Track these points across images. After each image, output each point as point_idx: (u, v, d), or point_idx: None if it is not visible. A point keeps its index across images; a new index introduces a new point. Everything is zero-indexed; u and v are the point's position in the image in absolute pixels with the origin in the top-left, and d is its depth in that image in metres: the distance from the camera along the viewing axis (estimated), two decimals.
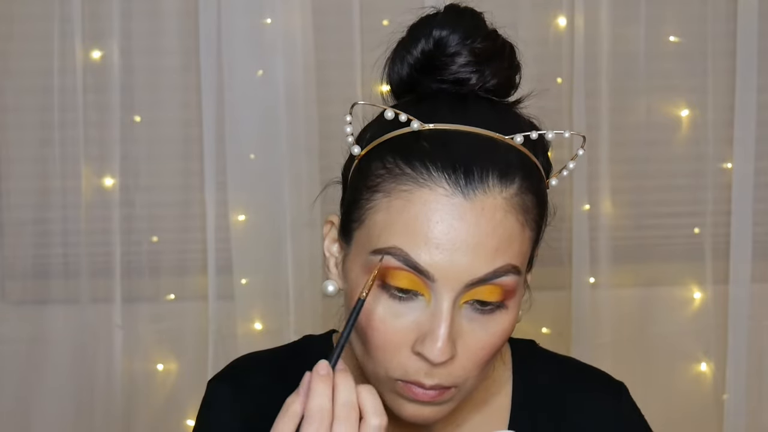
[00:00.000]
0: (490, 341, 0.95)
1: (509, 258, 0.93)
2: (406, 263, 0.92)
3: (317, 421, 0.87)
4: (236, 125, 2.36)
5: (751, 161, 2.40)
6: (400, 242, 0.92)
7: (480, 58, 0.99)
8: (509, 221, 0.93)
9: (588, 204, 2.39)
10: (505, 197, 0.93)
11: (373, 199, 0.95)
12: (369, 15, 2.36)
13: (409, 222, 0.92)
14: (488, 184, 0.92)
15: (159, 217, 2.43)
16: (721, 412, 2.46)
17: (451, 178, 0.92)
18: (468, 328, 0.94)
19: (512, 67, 1.03)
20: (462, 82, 0.99)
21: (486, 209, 0.92)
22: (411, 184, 0.92)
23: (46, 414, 2.46)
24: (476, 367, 0.96)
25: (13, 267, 2.45)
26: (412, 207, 0.92)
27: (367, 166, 0.97)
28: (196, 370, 2.41)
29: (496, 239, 0.92)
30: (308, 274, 2.38)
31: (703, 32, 2.39)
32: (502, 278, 0.93)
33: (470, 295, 0.93)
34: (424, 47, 0.99)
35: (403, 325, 0.94)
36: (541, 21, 2.34)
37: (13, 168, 2.43)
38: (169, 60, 2.39)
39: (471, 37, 0.99)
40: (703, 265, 2.44)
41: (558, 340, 2.41)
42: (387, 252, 0.92)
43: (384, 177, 0.94)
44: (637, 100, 2.40)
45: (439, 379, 0.94)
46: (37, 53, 2.38)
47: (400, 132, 0.96)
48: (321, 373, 0.88)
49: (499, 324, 0.95)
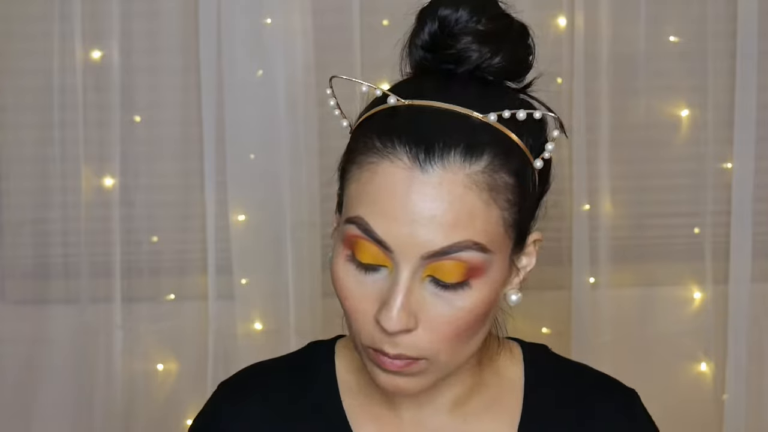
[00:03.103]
0: (456, 315, 0.95)
1: (470, 234, 0.93)
2: (365, 233, 0.94)
3: None
4: (236, 125, 2.36)
5: (751, 161, 2.40)
6: (363, 212, 0.94)
7: (482, 36, 1.00)
8: (470, 197, 0.94)
9: (588, 204, 2.39)
10: (468, 173, 0.94)
11: (350, 170, 0.98)
12: (369, 15, 2.36)
13: (372, 193, 0.94)
14: (448, 160, 0.93)
15: (159, 217, 2.43)
16: (721, 412, 2.46)
17: (411, 152, 0.93)
18: (431, 301, 0.95)
19: (521, 47, 1.03)
20: (464, 60, 1.00)
21: (444, 184, 0.93)
22: (377, 157, 0.95)
23: (46, 414, 2.46)
24: (444, 341, 0.96)
25: (13, 267, 2.45)
26: (375, 178, 0.94)
27: (353, 141, 1.00)
28: (196, 370, 2.41)
29: (454, 214, 0.93)
30: (308, 274, 2.38)
31: (703, 32, 2.39)
32: (463, 253, 0.93)
33: (431, 269, 0.94)
34: (431, 28, 1.00)
35: (367, 293, 0.95)
36: (540, 21, 2.34)
37: (13, 168, 2.43)
38: (169, 60, 2.39)
39: (476, 16, 1.00)
40: (703, 265, 2.44)
41: (558, 340, 2.40)
42: (352, 221, 0.95)
43: (360, 150, 0.97)
44: (637, 100, 2.40)
45: (403, 349, 0.95)
46: (37, 53, 2.38)
47: (380, 108, 0.99)
48: None
49: (468, 298, 0.95)
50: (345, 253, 0.96)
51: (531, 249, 1.03)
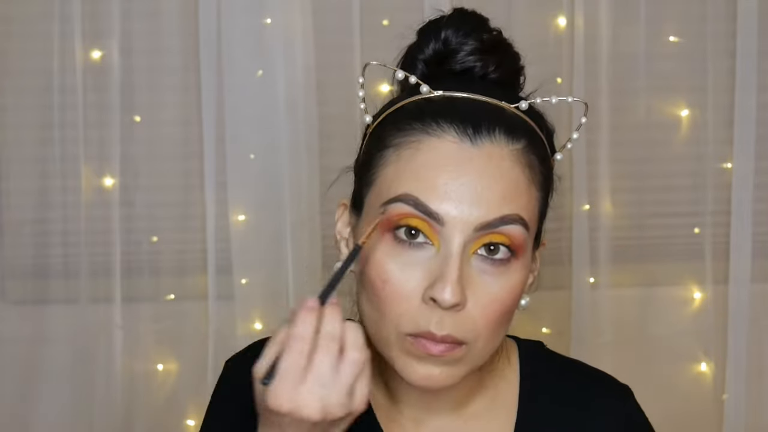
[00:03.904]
0: (501, 295, 0.97)
1: (516, 208, 0.96)
2: (417, 208, 0.95)
3: (297, 347, 0.88)
4: (236, 125, 2.36)
5: (751, 161, 2.40)
6: (410, 188, 0.95)
7: (484, 48, 1.03)
8: (515, 172, 0.97)
9: (588, 204, 2.39)
10: (512, 150, 0.97)
11: (383, 155, 0.99)
12: (369, 15, 2.35)
13: (419, 169, 0.96)
14: (495, 136, 0.97)
15: (159, 217, 2.43)
16: (721, 412, 2.46)
17: (460, 128, 0.96)
18: (478, 279, 0.96)
19: (516, 63, 1.07)
20: (468, 71, 1.03)
21: (493, 157, 0.96)
22: (420, 134, 0.97)
23: (46, 414, 2.46)
24: (487, 324, 0.97)
25: (13, 267, 2.45)
26: (420, 155, 0.96)
27: (380, 131, 1.01)
28: (196, 370, 2.41)
29: (503, 186, 0.95)
30: (308, 274, 2.38)
31: (703, 32, 2.39)
32: (510, 227, 0.96)
33: (479, 243, 0.95)
34: (435, 46, 1.04)
35: (413, 275, 0.96)
36: (541, 21, 2.34)
37: (13, 168, 2.43)
38: (169, 60, 2.39)
39: (476, 31, 1.04)
40: (703, 265, 2.44)
41: (558, 340, 2.40)
42: (398, 199, 0.96)
43: (395, 134, 0.99)
44: (637, 100, 2.40)
45: (450, 329, 0.95)
46: (37, 53, 2.38)
47: (411, 99, 1.01)
48: (308, 305, 0.90)
49: (509, 279, 0.97)
50: (387, 236, 0.96)
51: (538, 254, 1.05)
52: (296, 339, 0.89)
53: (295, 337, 0.89)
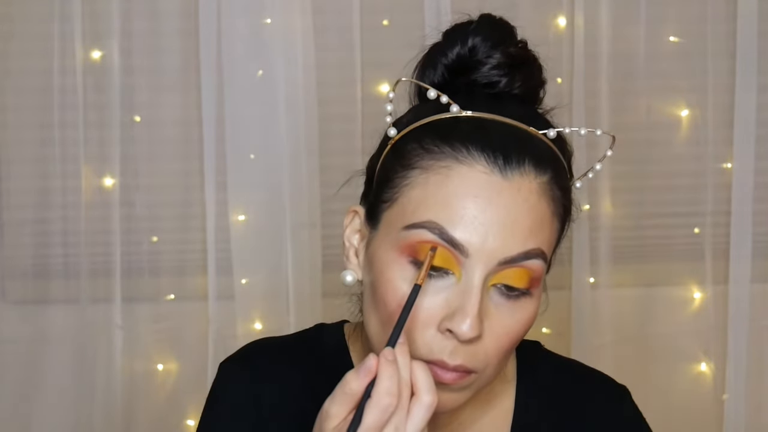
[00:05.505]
0: (515, 328, 0.97)
1: (540, 242, 0.95)
2: (441, 237, 0.93)
3: (383, 403, 0.87)
4: (236, 125, 2.36)
5: (751, 161, 2.40)
6: (436, 216, 0.94)
7: (511, 63, 1.02)
8: (542, 206, 0.96)
9: (588, 204, 2.39)
10: (539, 183, 0.96)
11: (409, 176, 0.97)
12: (369, 15, 2.35)
13: (447, 197, 0.94)
14: (524, 168, 0.95)
15: (159, 217, 2.43)
16: (721, 412, 2.46)
17: (490, 158, 0.94)
18: (494, 312, 0.95)
19: (539, 79, 1.06)
20: (492, 85, 1.02)
21: (522, 190, 0.95)
22: (450, 161, 0.95)
23: (46, 414, 2.46)
24: (498, 354, 0.97)
25: (13, 267, 2.45)
26: (450, 182, 0.94)
27: (403, 147, 0.99)
28: (196, 370, 2.41)
29: (530, 221, 0.94)
30: (308, 274, 2.38)
31: (703, 32, 2.39)
32: (532, 261, 0.95)
33: (500, 277, 0.94)
34: (460, 52, 1.02)
35: (432, 303, 0.95)
36: (541, 21, 2.34)
37: (13, 168, 2.43)
38: (169, 60, 2.39)
39: (504, 44, 1.02)
40: (703, 265, 2.44)
41: (558, 340, 2.41)
42: (422, 226, 0.94)
43: (422, 155, 0.97)
44: (637, 100, 2.40)
45: (463, 359, 0.95)
46: (37, 53, 2.38)
47: (439, 117, 0.99)
48: (389, 358, 0.89)
49: (524, 312, 0.97)
50: (406, 260, 0.95)
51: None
52: (383, 395, 0.88)
53: (381, 393, 0.88)
